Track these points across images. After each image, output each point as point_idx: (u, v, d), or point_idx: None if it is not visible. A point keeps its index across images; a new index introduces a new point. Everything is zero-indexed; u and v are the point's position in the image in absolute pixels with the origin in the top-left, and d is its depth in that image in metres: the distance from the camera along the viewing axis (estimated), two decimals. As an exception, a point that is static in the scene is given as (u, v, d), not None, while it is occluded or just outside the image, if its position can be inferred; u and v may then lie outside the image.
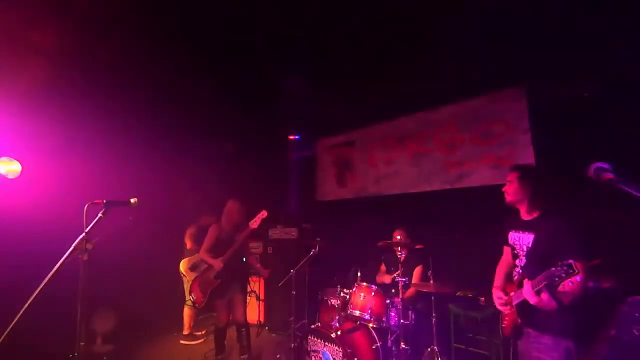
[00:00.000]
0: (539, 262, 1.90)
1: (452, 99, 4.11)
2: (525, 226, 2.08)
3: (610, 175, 1.38)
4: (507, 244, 2.21)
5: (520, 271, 2.06)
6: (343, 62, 3.39)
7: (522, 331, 2.00)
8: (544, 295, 1.75)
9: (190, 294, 3.47)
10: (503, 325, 2.14)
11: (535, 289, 1.75)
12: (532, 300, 1.78)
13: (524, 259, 2.05)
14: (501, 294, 2.14)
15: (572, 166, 1.97)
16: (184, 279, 4.41)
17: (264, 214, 3.30)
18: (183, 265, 4.41)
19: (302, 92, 3.97)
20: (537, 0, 2.50)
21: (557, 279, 1.64)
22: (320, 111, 4.67)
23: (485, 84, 3.78)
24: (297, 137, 5.84)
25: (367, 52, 3.22)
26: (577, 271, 1.57)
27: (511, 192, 2.11)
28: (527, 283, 1.82)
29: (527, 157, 3.47)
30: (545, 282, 1.70)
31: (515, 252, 2.12)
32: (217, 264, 3.24)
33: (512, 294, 2.04)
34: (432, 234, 3.47)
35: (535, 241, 1.98)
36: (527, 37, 2.85)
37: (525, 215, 2.11)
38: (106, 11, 2.57)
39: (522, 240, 2.08)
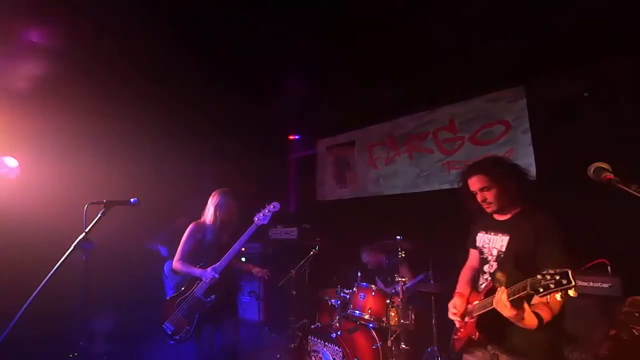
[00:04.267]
0: (512, 268, 1.64)
1: (452, 99, 4.11)
2: (498, 227, 1.81)
3: (610, 175, 1.38)
4: (474, 247, 1.97)
5: (489, 278, 1.78)
6: (343, 62, 3.39)
7: (478, 347, 1.73)
8: (525, 309, 1.42)
9: (163, 324, 2.57)
10: (455, 337, 1.84)
11: (511, 299, 1.40)
12: (507, 312, 1.43)
13: (494, 265, 1.78)
14: (457, 303, 1.82)
15: (572, 166, 1.96)
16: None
17: (275, 206, 2.62)
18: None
19: (303, 92, 3.97)
20: (537, 0, 2.50)
21: (542, 290, 1.25)
22: (320, 111, 4.67)
23: (485, 84, 3.78)
24: (297, 137, 5.83)
25: (366, 52, 3.22)
26: (573, 282, 1.19)
27: (493, 199, 1.76)
28: (502, 291, 1.46)
29: (527, 157, 3.47)
30: (525, 292, 1.33)
31: (484, 256, 1.86)
32: (208, 274, 2.43)
33: (475, 303, 1.73)
34: (432, 234, 3.46)
35: (510, 244, 1.72)
36: (527, 36, 2.84)
37: (499, 216, 1.85)
38: (107, 10, 2.57)
39: (493, 242, 1.82)
